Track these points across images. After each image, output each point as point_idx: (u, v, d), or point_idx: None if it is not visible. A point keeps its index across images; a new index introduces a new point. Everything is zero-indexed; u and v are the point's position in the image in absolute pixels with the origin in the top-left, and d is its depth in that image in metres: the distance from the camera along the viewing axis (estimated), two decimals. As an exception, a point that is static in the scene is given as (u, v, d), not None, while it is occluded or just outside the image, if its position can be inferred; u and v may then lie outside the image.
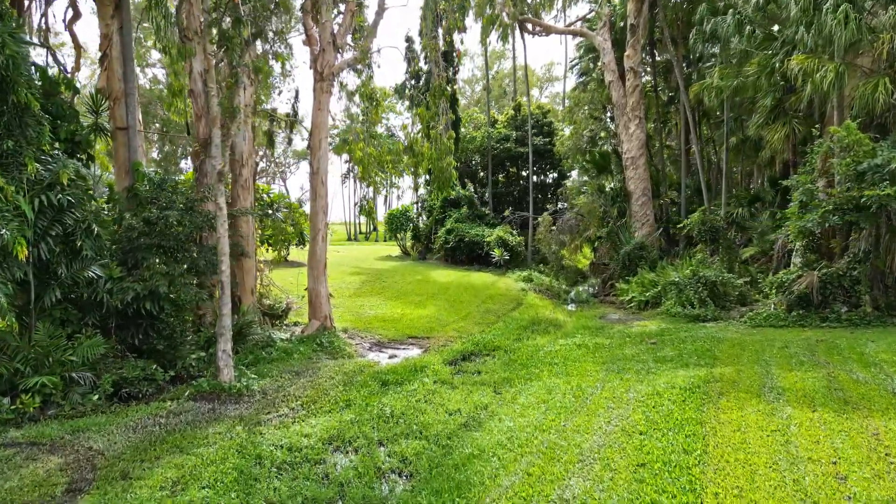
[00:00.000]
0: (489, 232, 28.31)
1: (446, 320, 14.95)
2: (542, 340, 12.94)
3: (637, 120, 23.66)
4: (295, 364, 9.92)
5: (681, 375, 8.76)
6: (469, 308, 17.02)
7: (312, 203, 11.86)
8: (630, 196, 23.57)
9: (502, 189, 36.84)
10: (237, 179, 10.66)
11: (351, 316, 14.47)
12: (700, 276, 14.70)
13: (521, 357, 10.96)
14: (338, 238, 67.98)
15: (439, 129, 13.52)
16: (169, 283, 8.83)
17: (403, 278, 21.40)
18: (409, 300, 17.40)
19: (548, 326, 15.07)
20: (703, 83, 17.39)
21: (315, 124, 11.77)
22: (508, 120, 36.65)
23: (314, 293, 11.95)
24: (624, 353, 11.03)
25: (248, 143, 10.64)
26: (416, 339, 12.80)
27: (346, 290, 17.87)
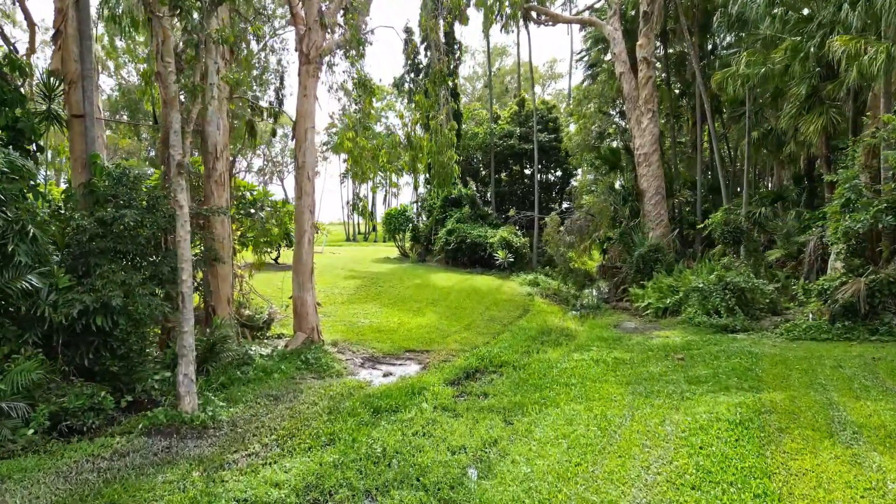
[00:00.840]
0: (492, 233, 27.13)
1: (447, 330, 13.75)
2: (555, 354, 11.73)
3: (650, 114, 22.45)
4: (274, 386, 8.71)
5: (723, 402, 7.56)
6: (472, 316, 15.81)
7: (297, 201, 10.67)
8: (642, 195, 22.37)
9: (505, 188, 35.64)
10: (210, 174, 9.47)
11: (342, 326, 13.27)
12: (727, 281, 13.49)
13: (533, 375, 9.75)
14: (336, 239, 66.86)
15: (440, 119, 12.34)
16: (125, 294, 7.63)
17: (401, 282, 20.20)
18: (407, 307, 16.19)
19: (558, 337, 13.87)
20: (727, 71, 16.19)
21: (300, 113, 10.58)
22: (512, 116, 35.44)
23: (299, 302, 10.74)
24: (649, 372, 9.82)
25: (222, 132, 9.45)
26: (414, 352, 11.59)
27: (339, 297, 16.67)
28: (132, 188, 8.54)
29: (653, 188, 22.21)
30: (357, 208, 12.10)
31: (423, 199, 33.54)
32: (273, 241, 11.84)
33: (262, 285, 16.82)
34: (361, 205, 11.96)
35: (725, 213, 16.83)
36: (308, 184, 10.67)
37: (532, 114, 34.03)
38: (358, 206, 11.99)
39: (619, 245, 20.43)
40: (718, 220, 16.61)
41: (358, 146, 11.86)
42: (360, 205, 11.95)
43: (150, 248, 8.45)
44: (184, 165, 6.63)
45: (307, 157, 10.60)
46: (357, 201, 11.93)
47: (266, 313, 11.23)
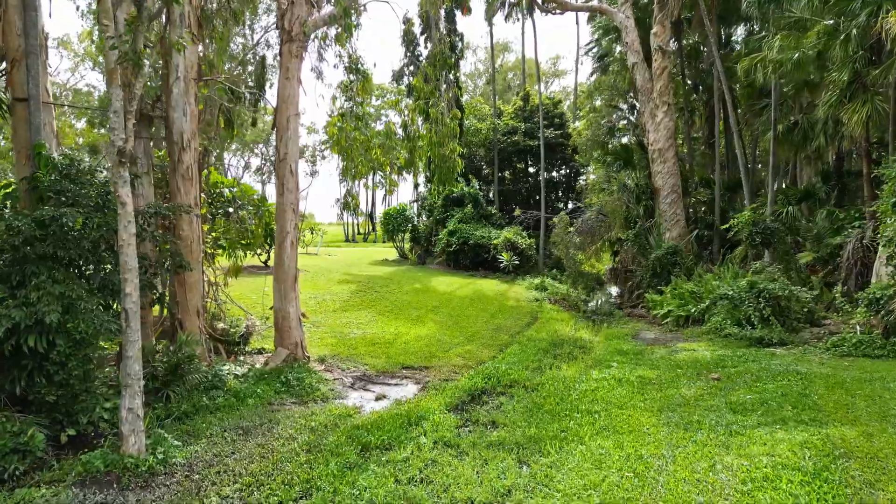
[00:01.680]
0: (496, 234, 25.92)
1: (449, 342, 12.54)
2: (571, 371, 10.52)
3: (665, 107, 21.25)
4: (247, 415, 7.50)
5: (783, 440, 6.34)
6: (476, 325, 14.60)
7: (279, 198, 9.46)
8: (657, 193, 21.16)
9: (509, 186, 34.46)
10: (175, 167, 8.27)
11: (333, 338, 12.05)
12: (761, 288, 12.25)
13: (548, 399, 8.53)
14: (334, 239, 65.74)
15: (440, 107, 11.15)
16: (64, 309, 6.43)
17: (399, 287, 18.99)
18: (406, 315, 14.97)
19: (572, 349, 12.65)
20: (756, 57, 14.97)
21: (282, 98, 9.38)
22: (516, 111, 34.25)
23: (281, 314, 9.53)
24: (682, 395, 8.61)
25: (190, 119, 8.24)
26: (412, 369, 10.37)
27: (331, 304, 15.45)
28: (81, 183, 7.34)
29: (668, 186, 21.00)
30: (349, 206, 11.09)
31: (423, 197, 32.34)
32: (253, 243, 10.61)
33: (249, 291, 15.62)
34: (353, 203, 10.91)
35: (753, 213, 15.59)
36: (291, 179, 9.46)
37: (537, 109, 32.83)
38: (350, 205, 11.00)
39: (632, 247, 19.21)
40: (746, 221, 15.37)
41: (348, 137, 10.67)
42: (352, 203, 10.90)
43: (99, 254, 7.24)
44: (125, 153, 5.44)
45: (289, 147, 9.39)
46: (349, 199, 10.89)
47: (243, 326, 10.02)
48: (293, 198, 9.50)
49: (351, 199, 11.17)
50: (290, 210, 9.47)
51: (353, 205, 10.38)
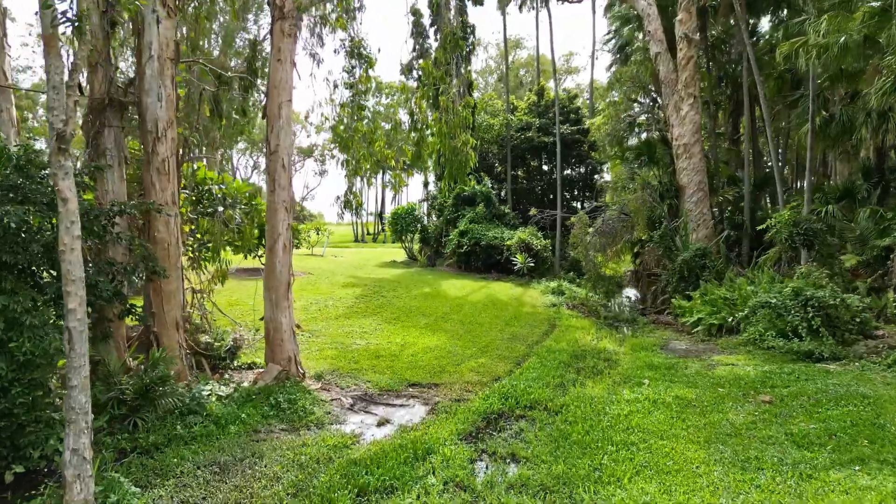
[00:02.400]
0: (510, 234, 24.88)
1: (461, 354, 11.50)
2: (597, 389, 9.45)
3: (691, 99, 20.06)
4: (227, 446, 6.51)
5: (869, 488, 5.26)
6: (490, 334, 13.55)
7: (270, 196, 8.47)
8: (682, 191, 20.00)
9: (523, 185, 33.40)
10: (149, 160, 7.31)
11: (332, 350, 11.04)
12: (808, 295, 11.10)
13: (576, 426, 7.46)
14: (344, 239, 64.94)
15: (451, 93, 10.12)
16: (7, 325, 5.49)
17: (408, 291, 17.98)
18: (413, 323, 13.95)
19: (597, 362, 11.58)
20: (796, 42, 13.79)
21: (273, 82, 8.40)
22: (530, 106, 33.16)
23: (273, 326, 8.54)
24: (730, 422, 7.52)
25: (165, 105, 7.28)
26: (420, 387, 9.35)
27: (333, 310, 14.46)
28: (33, 177, 6.39)
29: (694, 184, 19.82)
30: (350, 205, 10.17)
31: (433, 196, 31.34)
32: (243, 243, 9.63)
33: (245, 296, 14.69)
34: (356, 201, 10.04)
35: (793, 212, 14.40)
36: (283, 174, 8.46)
37: (552, 104, 31.77)
38: (351, 203, 10.08)
39: (657, 249, 18.07)
40: (785, 221, 14.18)
41: (349, 128, 9.68)
42: (355, 201, 10.04)
43: (54, 259, 6.28)
44: (66, 138, 4.46)
45: (281, 138, 8.39)
46: (350, 197, 10.01)
47: (230, 339, 9.04)
48: (286, 195, 8.51)
49: (353, 198, 10.07)
50: (283, 209, 8.48)
51: (356, 203, 9.31)
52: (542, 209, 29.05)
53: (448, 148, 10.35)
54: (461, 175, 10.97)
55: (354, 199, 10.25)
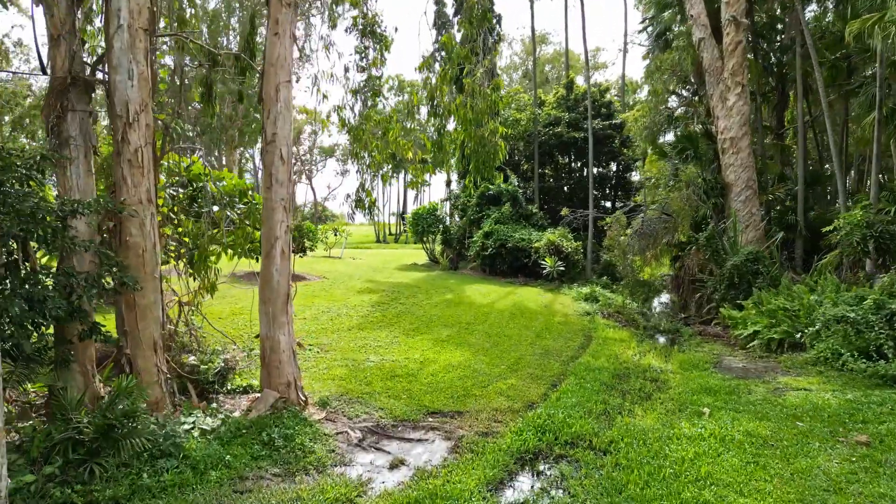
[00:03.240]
0: (537, 236, 23.52)
1: (488, 373, 10.22)
2: (649, 419, 8.11)
3: (739, 88, 18.49)
4: (204, 499, 5.34)
5: None
6: (520, 348, 12.25)
7: (265, 193, 7.31)
8: (728, 189, 18.44)
9: (551, 183, 31.95)
10: (120, 150, 6.20)
11: (342, 369, 9.85)
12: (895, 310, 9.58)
13: (632, 476, 6.13)
14: (364, 240, 64.08)
15: (477, 75, 8.85)
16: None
17: (428, 298, 16.75)
18: (434, 335, 12.70)
19: (643, 384, 10.23)
20: (869, 19, 12.22)
21: (269, 60, 7.24)
22: (558, 100, 31.70)
23: (269, 345, 7.37)
24: (824, 472, 6.13)
25: (138, 84, 6.16)
26: (442, 416, 8.10)
27: (346, 320, 13.28)
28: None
29: (742, 181, 18.24)
30: (363, 204, 9.13)
31: (456, 196, 30.07)
32: (236, 247, 8.49)
33: (252, 304, 13.60)
34: (369, 200, 8.98)
35: (865, 212, 12.78)
36: (282, 168, 7.29)
37: (582, 97, 30.31)
38: (364, 202, 9.03)
39: (703, 252, 16.55)
40: (857, 222, 12.59)
41: (360, 116, 8.51)
42: (368, 200, 8.99)
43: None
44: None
45: (279, 126, 7.22)
46: (361, 195, 8.97)
47: (220, 359, 7.87)
48: (285, 192, 7.33)
49: (366, 195, 8.85)
50: (281, 209, 7.30)
51: (369, 202, 8.21)
52: (572, 209, 27.63)
53: (474, 138, 9.08)
54: (489, 169, 9.68)
55: (367, 197, 9.04)
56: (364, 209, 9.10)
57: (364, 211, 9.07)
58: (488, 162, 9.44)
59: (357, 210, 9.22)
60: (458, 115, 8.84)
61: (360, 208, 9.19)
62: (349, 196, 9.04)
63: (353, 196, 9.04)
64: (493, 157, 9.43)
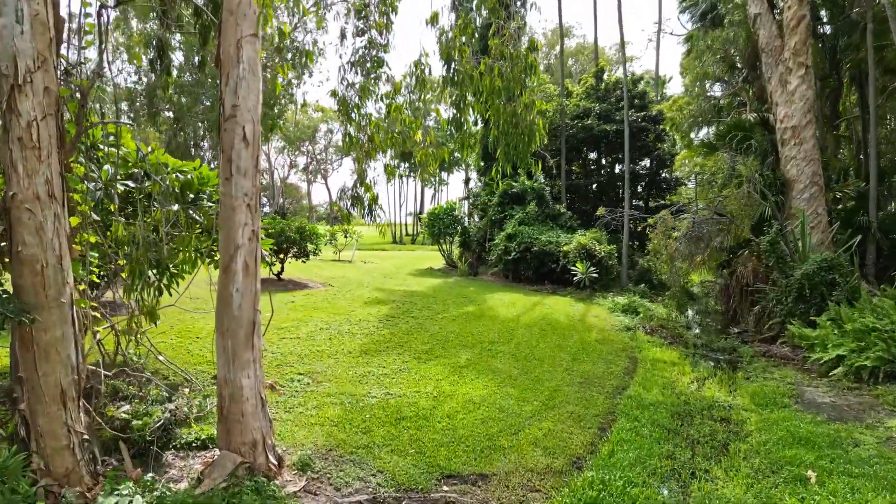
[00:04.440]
0: (566, 238, 21.53)
1: (518, 412, 8.32)
2: (735, 488, 6.18)
3: (802, 70, 16.36)
4: None
5: None
6: (554, 375, 10.33)
7: (224, 186, 5.50)
8: (789, 186, 16.31)
9: (579, 181, 29.90)
10: (8, 125, 4.45)
11: (337, 407, 7.99)
12: None
13: None
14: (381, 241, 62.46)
15: (508, 31, 6.95)
16: None
17: (445, 310, 14.87)
18: (452, 359, 10.81)
19: (713, 427, 8.29)
20: None
21: (228, 7, 5.43)
22: (587, 90, 29.64)
23: (228, 392, 5.54)
24: None
25: (31, 30, 4.40)
26: (461, 483, 6.22)
27: (348, 340, 11.44)
28: None
29: (806, 176, 16.10)
30: (360, 201, 7.49)
31: (475, 194, 28.16)
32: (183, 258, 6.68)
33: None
34: (369, 197, 7.33)
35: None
36: (246, 152, 5.46)
37: (613, 87, 28.22)
38: (362, 199, 7.41)
39: (764, 257, 14.45)
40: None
41: (353, 85, 6.67)
42: (368, 197, 7.35)
43: None
44: None
45: (242, 94, 5.40)
46: (358, 191, 7.35)
47: (166, 409, 6.03)
48: (249, 185, 5.50)
49: (364, 191, 6.98)
50: (244, 207, 5.47)
51: (369, 199, 6.57)
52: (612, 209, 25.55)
53: (503, 114, 7.17)
54: (523, 155, 7.73)
55: (367, 193, 7.19)
56: (363, 208, 7.24)
57: (363, 210, 7.20)
58: (522, 146, 7.52)
59: (353, 209, 7.36)
60: (482, 84, 6.93)
61: (358, 207, 7.33)
62: (344, 191, 7.20)
63: (348, 191, 7.17)
64: (528, 140, 7.51)
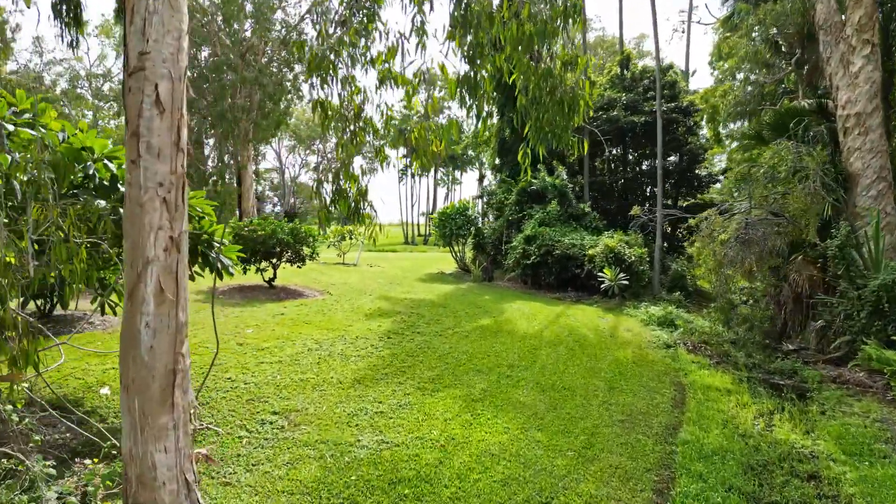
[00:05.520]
0: (591, 240, 19.71)
1: (549, 469, 6.56)
2: None
3: (867, 49, 14.42)
4: None
5: None
6: (589, 410, 8.56)
7: (130, 172, 3.85)
8: (853, 181, 14.37)
9: (603, 178, 28.01)
10: None
11: (314, 464, 6.28)
12: None
13: None
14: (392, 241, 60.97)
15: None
16: None
17: (457, 324, 13.13)
18: (464, 390, 9.06)
19: (799, 486, 6.54)
20: None
21: None
22: (612, 80, 27.77)
23: (136, 472, 3.87)
24: None
25: None
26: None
27: (341, 364, 9.71)
28: None
29: (872, 170, 14.15)
30: (343, 196, 5.86)
31: (490, 192, 26.39)
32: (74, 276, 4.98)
33: (229, 335, 10.20)
34: (356, 193, 5.72)
35: None
36: (158, 121, 3.78)
37: (643, 74, 26.32)
38: (346, 195, 5.82)
39: (831, 265, 12.55)
40: None
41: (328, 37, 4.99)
42: (352, 192, 5.74)
43: None
44: None
45: (152, 38, 3.73)
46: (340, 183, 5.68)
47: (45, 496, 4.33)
48: (165, 171, 3.82)
49: (348, 183, 5.29)
50: (157, 204, 3.78)
51: (356, 195, 5.07)
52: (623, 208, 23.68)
53: (535, 74, 5.41)
54: (561, 132, 5.96)
55: (351, 186, 5.47)
56: (347, 206, 5.52)
57: (348, 209, 5.49)
58: (560, 119, 5.74)
59: (334, 206, 5.65)
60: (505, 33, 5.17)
61: (341, 204, 5.62)
62: (321, 181, 5.53)
63: (327, 182, 5.45)
64: (569, 111, 5.74)
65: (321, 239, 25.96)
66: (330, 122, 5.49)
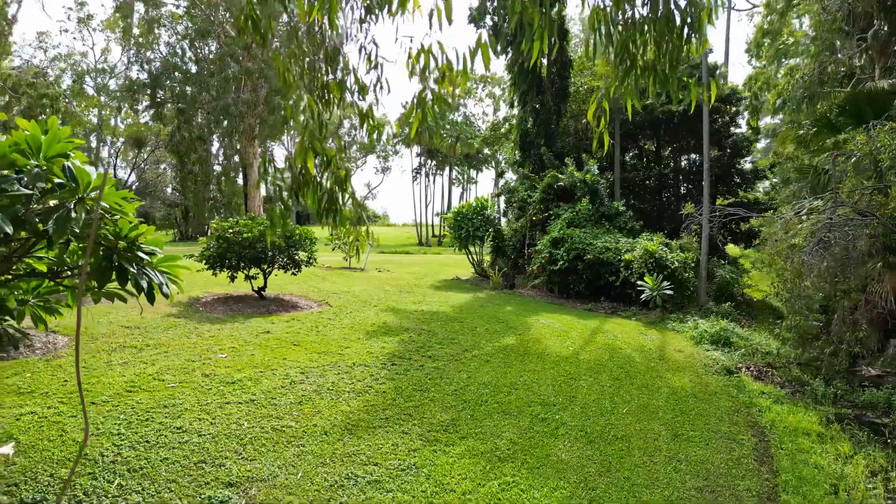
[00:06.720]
0: (627, 244, 17.67)
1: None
2: None
3: (967, 14, 12.22)
4: None
5: None
6: (653, 471, 6.57)
7: None
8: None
9: (637, 174, 25.93)
10: None
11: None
12: None
13: None
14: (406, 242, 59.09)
15: None
16: None
17: (475, 345, 11.17)
18: (486, 442, 7.09)
19: None
20: None
21: None
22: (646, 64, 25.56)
23: None
24: None
25: None
26: None
27: (329, 404, 7.77)
28: None
29: (972, 161, 11.95)
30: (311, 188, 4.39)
31: (510, 189, 24.36)
32: None
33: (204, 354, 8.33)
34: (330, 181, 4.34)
35: None
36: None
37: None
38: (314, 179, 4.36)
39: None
40: None
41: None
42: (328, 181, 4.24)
43: None
44: None
45: None
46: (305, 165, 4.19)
47: None
48: None
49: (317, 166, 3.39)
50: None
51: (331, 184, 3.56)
52: (660, 208, 21.60)
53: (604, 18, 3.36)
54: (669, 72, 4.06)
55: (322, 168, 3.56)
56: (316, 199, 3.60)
57: (318, 204, 3.54)
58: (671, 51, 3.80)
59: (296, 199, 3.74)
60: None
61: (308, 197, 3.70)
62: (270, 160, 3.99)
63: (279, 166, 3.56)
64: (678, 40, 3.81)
65: (327, 240, 24.07)
66: (286, 72, 3.59)
